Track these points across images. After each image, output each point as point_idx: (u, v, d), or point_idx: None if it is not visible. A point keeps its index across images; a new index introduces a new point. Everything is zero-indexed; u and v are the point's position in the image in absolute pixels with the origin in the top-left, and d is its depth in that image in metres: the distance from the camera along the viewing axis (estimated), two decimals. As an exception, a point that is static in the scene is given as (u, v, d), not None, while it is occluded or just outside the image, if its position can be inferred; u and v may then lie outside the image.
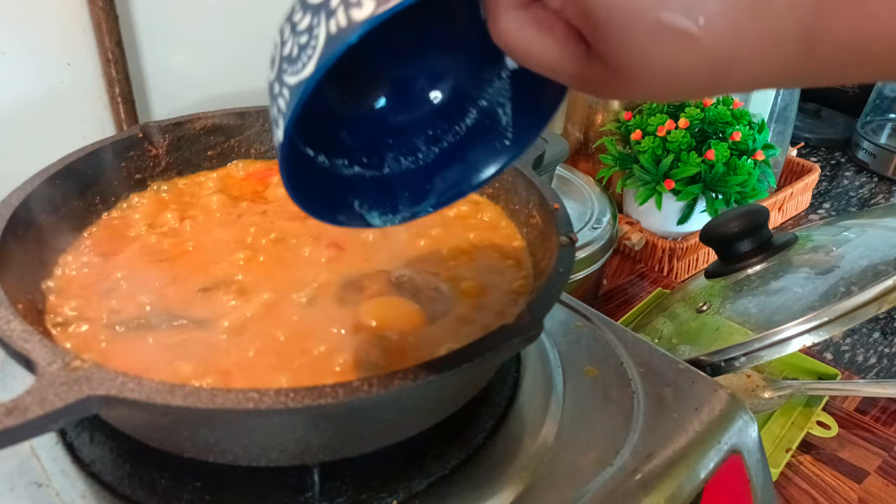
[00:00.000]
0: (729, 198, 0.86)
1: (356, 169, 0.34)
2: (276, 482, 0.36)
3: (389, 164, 0.34)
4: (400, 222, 0.34)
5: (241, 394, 0.28)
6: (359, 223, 0.33)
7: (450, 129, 0.34)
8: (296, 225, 0.47)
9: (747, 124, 0.88)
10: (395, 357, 0.37)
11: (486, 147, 0.33)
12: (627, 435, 0.42)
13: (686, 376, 0.46)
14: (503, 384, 0.44)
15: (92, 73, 0.62)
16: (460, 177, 0.34)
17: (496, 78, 0.32)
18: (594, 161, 0.99)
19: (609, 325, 0.51)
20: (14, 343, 0.31)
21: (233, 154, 0.55)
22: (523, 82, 0.32)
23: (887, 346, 0.81)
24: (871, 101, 1.23)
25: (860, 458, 0.65)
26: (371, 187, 0.34)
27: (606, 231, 0.78)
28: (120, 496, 0.36)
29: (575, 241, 0.40)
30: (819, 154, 1.25)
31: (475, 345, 0.32)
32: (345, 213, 0.33)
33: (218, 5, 0.67)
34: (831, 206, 1.11)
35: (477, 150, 0.34)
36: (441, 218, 0.50)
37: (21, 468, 0.38)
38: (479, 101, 0.33)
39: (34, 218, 0.42)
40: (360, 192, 0.33)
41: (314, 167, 0.32)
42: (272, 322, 0.39)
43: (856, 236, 0.62)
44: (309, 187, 0.31)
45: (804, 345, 0.51)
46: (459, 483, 0.38)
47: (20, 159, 0.48)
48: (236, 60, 0.69)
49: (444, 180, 0.34)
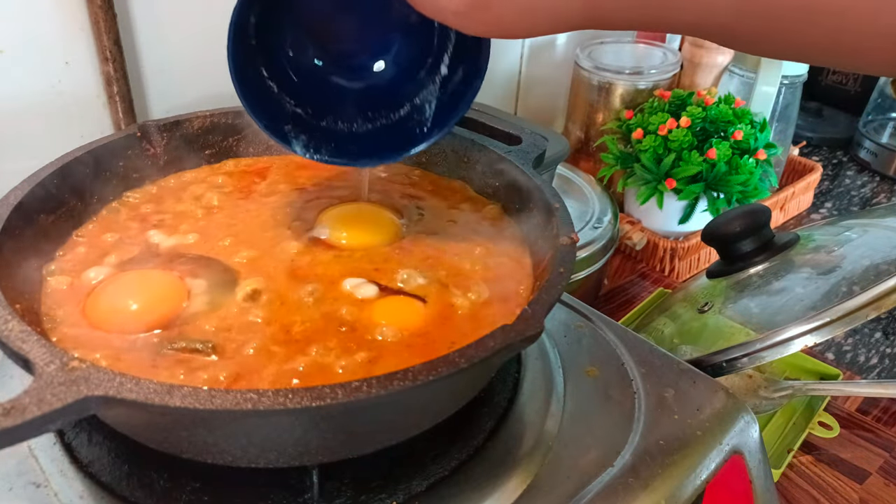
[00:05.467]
0: (730, 197, 0.86)
1: (298, 110, 0.42)
2: (275, 483, 0.36)
3: (327, 121, 0.43)
4: (314, 160, 0.42)
5: (239, 394, 0.28)
6: (281, 141, 0.41)
7: (385, 115, 0.44)
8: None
9: (749, 123, 0.87)
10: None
11: (407, 131, 0.42)
12: (628, 435, 0.41)
13: (687, 377, 0.46)
14: (503, 384, 0.44)
15: (90, 71, 0.62)
16: (378, 150, 0.43)
17: (431, 82, 0.43)
18: (595, 160, 0.99)
19: (610, 326, 0.51)
20: (12, 343, 0.30)
21: (231, 152, 0.55)
22: (448, 87, 0.42)
23: (889, 346, 0.81)
24: (872, 100, 1.22)
25: (862, 458, 0.65)
26: (305, 125, 0.42)
27: (607, 231, 0.78)
28: (118, 497, 0.36)
29: (576, 241, 0.40)
30: (821, 153, 1.25)
31: (475, 345, 0.31)
32: (274, 126, 0.40)
33: (217, 4, 0.66)
34: (833, 205, 1.10)
35: (400, 134, 0.43)
36: (445, 220, 0.49)
37: (19, 468, 0.37)
38: (415, 98, 0.43)
39: (32, 217, 0.41)
40: (293, 123, 0.42)
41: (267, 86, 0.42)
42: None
43: (858, 236, 0.62)
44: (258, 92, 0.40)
45: (806, 345, 0.51)
46: (459, 484, 0.38)
47: (18, 158, 0.48)
48: (236, 59, 0.69)
49: (364, 149, 0.43)
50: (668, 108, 0.89)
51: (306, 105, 0.43)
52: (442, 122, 0.42)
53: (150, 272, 0.42)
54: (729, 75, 0.99)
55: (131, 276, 0.42)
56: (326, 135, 0.43)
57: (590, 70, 0.96)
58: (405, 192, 0.52)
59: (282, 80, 0.42)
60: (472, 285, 0.42)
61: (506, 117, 0.59)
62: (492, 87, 1.01)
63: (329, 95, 0.44)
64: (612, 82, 0.96)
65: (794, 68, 0.97)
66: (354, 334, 0.38)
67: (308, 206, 0.50)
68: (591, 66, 0.96)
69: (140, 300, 0.39)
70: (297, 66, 0.43)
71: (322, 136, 0.42)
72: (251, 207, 0.49)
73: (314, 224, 0.47)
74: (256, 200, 0.50)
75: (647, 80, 0.96)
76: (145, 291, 0.40)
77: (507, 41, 0.99)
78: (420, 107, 0.43)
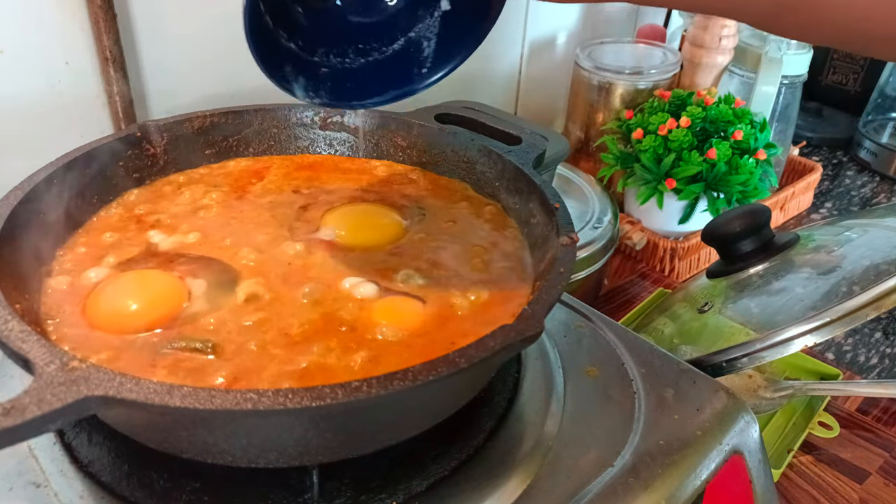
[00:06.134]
0: (730, 197, 0.86)
1: (290, 45, 0.41)
2: (275, 483, 0.36)
3: (319, 55, 0.41)
4: (314, 104, 0.41)
5: (239, 394, 0.28)
6: (283, 85, 0.39)
7: (378, 48, 0.42)
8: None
9: (749, 123, 0.87)
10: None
11: (404, 71, 0.41)
12: (628, 435, 0.41)
13: (687, 377, 0.46)
14: (503, 384, 0.44)
15: (90, 71, 0.62)
16: (372, 90, 0.41)
17: (428, 16, 0.41)
18: (595, 160, 0.99)
19: (610, 326, 0.51)
20: (12, 343, 0.30)
21: (231, 153, 0.55)
22: (449, 24, 0.40)
23: (889, 346, 0.81)
24: (872, 100, 1.22)
25: (862, 458, 0.65)
26: (301, 63, 0.41)
27: (607, 231, 0.78)
28: (118, 497, 0.36)
29: (576, 241, 0.40)
30: (821, 153, 1.25)
31: (475, 345, 0.31)
32: (277, 70, 0.39)
33: (217, 4, 0.66)
34: (833, 205, 1.10)
35: (396, 72, 0.41)
36: (445, 220, 0.49)
37: (19, 468, 0.37)
38: (410, 32, 0.41)
39: (32, 217, 0.41)
40: (293, 62, 0.40)
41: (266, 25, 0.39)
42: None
43: (857, 236, 0.62)
44: (261, 36, 0.38)
45: (806, 345, 0.51)
46: (459, 484, 0.38)
47: (18, 158, 0.48)
48: (235, 59, 0.69)
49: (359, 88, 0.42)
50: (668, 108, 0.89)
51: (297, 38, 0.41)
52: (442, 63, 0.40)
53: (150, 272, 0.42)
54: (729, 75, 0.99)
55: (131, 276, 0.42)
56: (322, 76, 0.41)
57: (590, 70, 0.96)
58: (405, 192, 0.52)
59: (275, 12, 0.40)
60: (471, 285, 0.42)
61: (506, 117, 0.59)
62: (492, 87, 1.01)
63: (321, 26, 0.42)
64: (612, 82, 0.96)
65: (795, 68, 0.97)
66: (354, 334, 0.38)
67: (308, 206, 0.50)
68: (591, 66, 0.96)
69: (140, 300, 0.39)
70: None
71: (319, 77, 0.41)
72: (251, 207, 0.49)
73: (318, 224, 0.47)
74: (256, 200, 0.50)
75: (647, 80, 0.96)
76: (145, 291, 0.40)
77: (508, 42, 0.99)
78: (417, 42, 0.41)
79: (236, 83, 0.69)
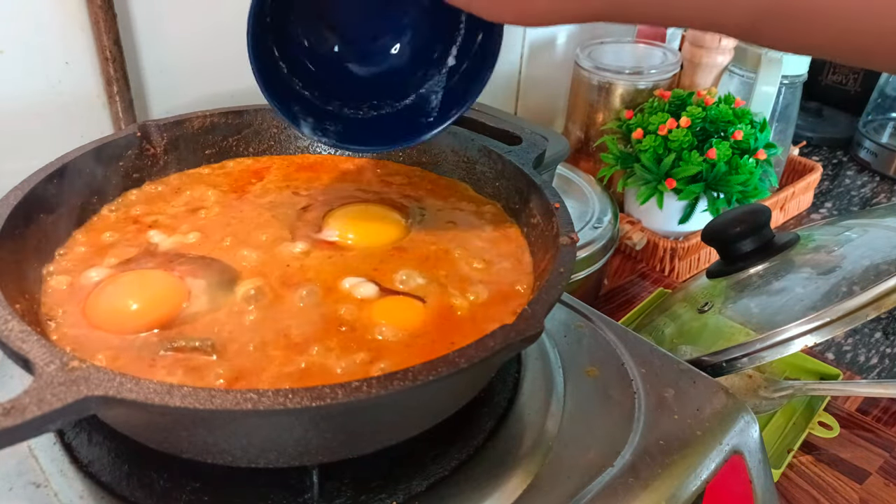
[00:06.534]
0: (730, 197, 0.86)
1: (306, 93, 0.44)
2: (275, 483, 0.36)
3: (333, 105, 0.45)
4: (322, 143, 0.44)
5: (239, 394, 0.28)
6: (290, 121, 0.42)
7: (390, 104, 0.45)
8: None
9: (749, 123, 0.87)
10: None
11: (412, 121, 0.44)
12: (628, 435, 0.41)
13: (687, 377, 0.46)
14: (503, 384, 0.44)
15: (90, 71, 0.62)
16: (380, 138, 0.45)
17: (437, 73, 0.45)
18: (595, 160, 0.99)
19: (610, 326, 0.51)
20: (12, 343, 0.30)
21: (231, 152, 0.55)
22: (453, 76, 0.44)
23: (889, 346, 0.81)
24: (872, 100, 1.22)
25: (862, 458, 0.65)
26: (313, 108, 0.44)
27: (607, 230, 0.78)
28: (118, 497, 0.36)
29: (576, 241, 0.40)
30: (821, 153, 1.25)
31: (475, 345, 0.31)
32: (285, 107, 0.42)
33: (216, 4, 0.67)
34: (833, 205, 1.10)
35: (406, 124, 0.44)
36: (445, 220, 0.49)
37: (19, 468, 0.37)
38: (421, 88, 0.45)
39: (32, 217, 0.41)
40: (303, 104, 0.43)
41: (278, 66, 0.43)
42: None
43: (857, 236, 0.62)
44: (270, 71, 0.41)
45: (806, 345, 0.51)
46: (459, 484, 0.38)
47: (18, 158, 0.48)
48: (235, 59, 0.69)
49: (367, 136, 0.44)
50: (668, 108, 0.89)
51: (313, 89, 0.44)
52: (448, 113, 0.43)
53: (150, 272, 0.42)
54: (729, 75, 0.99)
55: (131, 275, 0.42)
56: (333, 120, 0.44)
57: (590, 70, 0.96)
58: (405, 192, 0.52)
59: (292, 62, 0.44)
60: (471, 285, 0.42)
61: (506, 117, 0.59)
62: (492, 87, 1.00)
63: (336, 80, 0.45)
64: (612, 82, 0.96)
65: (795, 68, 0.97)
66: (354, 334, 0.38)
67: (308, 207, 0.50)
68: (591, 66, 0.96)
69: (140, 300, 0.39)
70: (306, 47, 0.44)
71: (329, 120, 0.44)
72: (251, 208, 0.49)
73: (318, 224, 0.47)
74: (256, 201, 0.50)
75: (647, 80, 0.96)
76: (145, 291, 0.40)
77: (508, 42, 0.99)
78: (426, 97, 0.45)
79: (236, 83, 0.69)
